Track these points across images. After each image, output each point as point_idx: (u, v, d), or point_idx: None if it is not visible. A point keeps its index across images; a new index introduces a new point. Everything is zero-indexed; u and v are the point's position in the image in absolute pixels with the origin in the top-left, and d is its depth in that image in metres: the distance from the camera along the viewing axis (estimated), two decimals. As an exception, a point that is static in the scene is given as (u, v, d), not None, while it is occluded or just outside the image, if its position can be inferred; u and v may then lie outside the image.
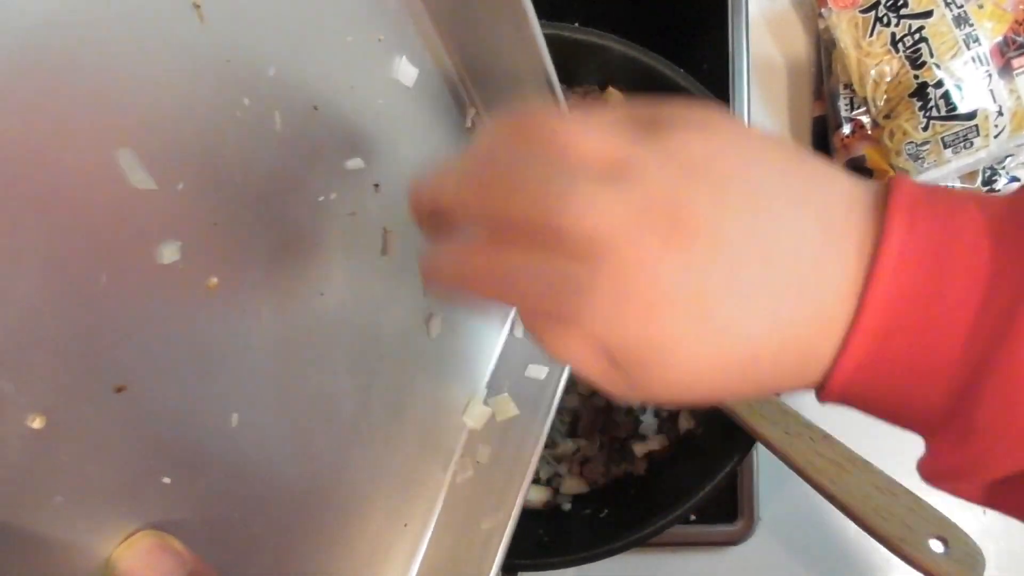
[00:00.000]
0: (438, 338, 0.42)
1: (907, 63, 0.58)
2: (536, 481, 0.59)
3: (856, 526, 0.47)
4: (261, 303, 0.29)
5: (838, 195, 0.24)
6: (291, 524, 0.33)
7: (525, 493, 0.43)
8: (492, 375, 0.47)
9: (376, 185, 0.33)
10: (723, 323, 0.24)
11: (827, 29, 0.62)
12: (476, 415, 0.45)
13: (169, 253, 0.24)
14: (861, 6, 0.60)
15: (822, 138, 0.65)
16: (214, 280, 0.26)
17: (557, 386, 0.45)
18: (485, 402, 0.46)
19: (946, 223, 0.23)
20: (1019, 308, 0.21)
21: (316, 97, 0.29)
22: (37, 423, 0.21)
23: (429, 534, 0.43)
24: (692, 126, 0.25)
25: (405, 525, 0.41)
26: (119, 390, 0.23)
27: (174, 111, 0.23)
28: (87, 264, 0.22)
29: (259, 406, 0.29)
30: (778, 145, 0.26)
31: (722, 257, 0.23)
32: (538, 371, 0.46)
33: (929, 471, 0.25)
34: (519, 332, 0.48)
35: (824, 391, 0.25)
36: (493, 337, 0.47)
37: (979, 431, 0.22)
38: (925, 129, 0.58)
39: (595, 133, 0.25)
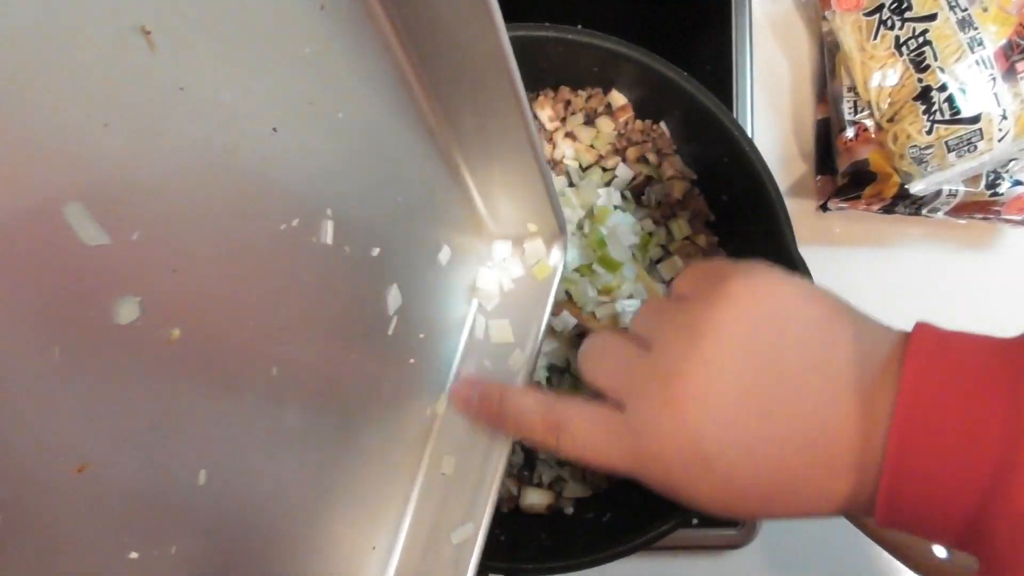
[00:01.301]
0: (400, 350, 0.40)
1: (911, 66, 0.58)
2: (538, 485, 0.59)
3: (859, 531, 0.47)
4: (223, 347, 0.27)
5: (849, 362, 0.29)
6: (263, 567, 0.32)
7: (494, 502, 0.42)
8: (454, 378, 0.45)
9: (333, 208, 0.32)
10: (724, 474, 0.30)
11: (831, 32, 0.62)
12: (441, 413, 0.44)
13: (127, 312, 0.22)
14: (865, 9, 0.60)
15: (825, 141, 0.65)
16: (176, 332, 0.24)
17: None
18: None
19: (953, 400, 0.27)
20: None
21: (275, 119, 0.27)
22: None
23: (397, 555, 0.41)
24: (720, 296, 0.32)
25: (373, 548, 0.40)
26: (80, 470, 0.22)
27: (124, 151, 0.21)
28: (38, 339, 0.20)
29: (227, 457, 0.28)
30: (805, 305, 0.31)
31: (714, 414, 0.30)
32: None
33: None
34: (479, 332, 0.47)
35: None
36: (454, 340, 0.46)
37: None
38: (929, 133, 0.57)
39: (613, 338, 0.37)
